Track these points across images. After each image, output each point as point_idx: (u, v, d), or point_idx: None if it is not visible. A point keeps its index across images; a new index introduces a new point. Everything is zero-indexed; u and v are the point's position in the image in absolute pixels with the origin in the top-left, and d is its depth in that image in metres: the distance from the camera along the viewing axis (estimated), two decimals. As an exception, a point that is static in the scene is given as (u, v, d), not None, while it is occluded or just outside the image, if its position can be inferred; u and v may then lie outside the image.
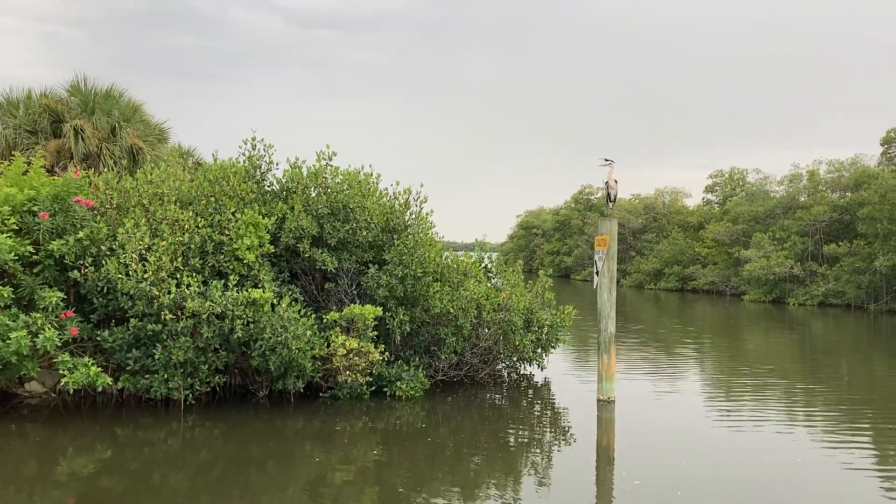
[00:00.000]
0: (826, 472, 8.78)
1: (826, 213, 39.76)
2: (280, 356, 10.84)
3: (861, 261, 35.64)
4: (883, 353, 21.10)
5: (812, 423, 11.24)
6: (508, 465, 8.86)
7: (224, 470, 8.62)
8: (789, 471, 8.77)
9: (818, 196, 42.53)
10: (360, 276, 12.81)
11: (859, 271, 35.57)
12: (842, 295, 36.44)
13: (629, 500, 7.65)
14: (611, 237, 12.28)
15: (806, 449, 9.70)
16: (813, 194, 43.45)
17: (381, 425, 10.61)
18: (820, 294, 37.35)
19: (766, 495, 7.87)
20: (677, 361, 17.83)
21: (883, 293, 34.32)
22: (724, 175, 54.85)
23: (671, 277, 50.87)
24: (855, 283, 35.61)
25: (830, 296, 37.00)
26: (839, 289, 36.66)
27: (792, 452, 9.51)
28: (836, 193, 42.25)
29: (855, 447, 9.85)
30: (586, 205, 71.16)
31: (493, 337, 13.50)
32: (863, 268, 35.33)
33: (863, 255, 35.69)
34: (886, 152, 38.52)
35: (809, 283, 38.83)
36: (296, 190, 12.82)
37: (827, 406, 12.65)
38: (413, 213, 13.55)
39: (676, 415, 11.76)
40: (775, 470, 8.77)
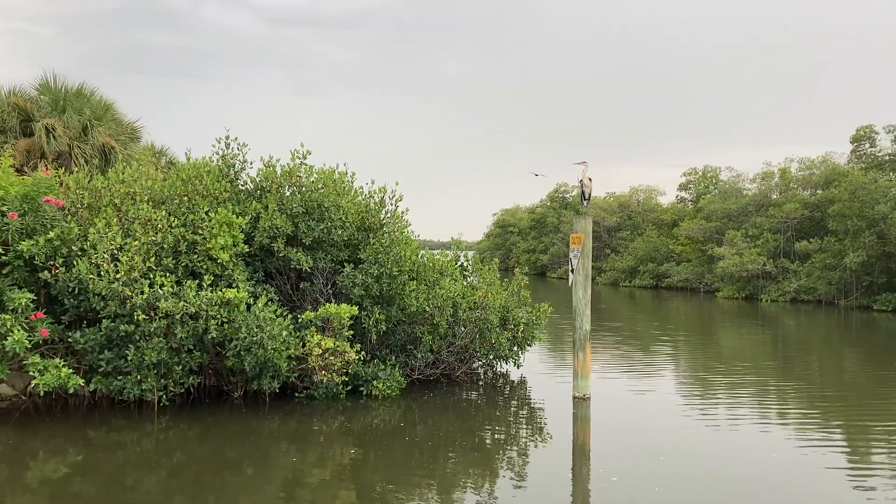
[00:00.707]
0: (800, 467, 8.88)
1: (797, 211, 40.29)
2: (255, 356, 10.77)
3: (832, 257, 36.17)
4: (853, 348, 21.43)
5: (785, 419, 11.38)
6: (485, 464, 8.87)
7: (199, 471, 8.55)
8: (764, 467, 8.86)
9: (790, 194, 43.08)
10: (335, 275, 12.76)
11: (830, 268, 36.09)
12: (813, 291, 36.95)
13: (607, 496, 7.70)
14: (585, 235, 12.34)
15: (780, 445, 9.81)
16: (785, 192, 44.00)
17: (357, 425, 10.58)
18: (792, 290, 37.84)
19: (741, 492, 7.95)
20: (653, 358, 17.98)
21: (853, 289, 34.85)
22: (697, 173, 55.38)
23: (646, 275, 51.28)
24: (826, 279, 36.13)
25: (802, 292, 37.51)
26: (810, 285, 37.17)
27: (766, 449, 9.61)
28: (807, 191, 42.82)
29: (827, 443, 10.00)
30: (562, 203, 71.50)
31: (469, 335, 13.51)
32: (833, 264, 35.85)
33: (833, 252, 36.22)
34: (856, 150, 39.08)
35: (781, 280, 39.33)
36: (270, 189, 12.74)
37: (800, 402, 12.82)
38: (388, 211, 13.53)
39: (652, 411, 11.85)
40: (750, 466, 8.86)
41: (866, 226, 33.04)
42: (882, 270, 33.54)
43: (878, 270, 33.65)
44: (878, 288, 33.74)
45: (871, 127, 38.09)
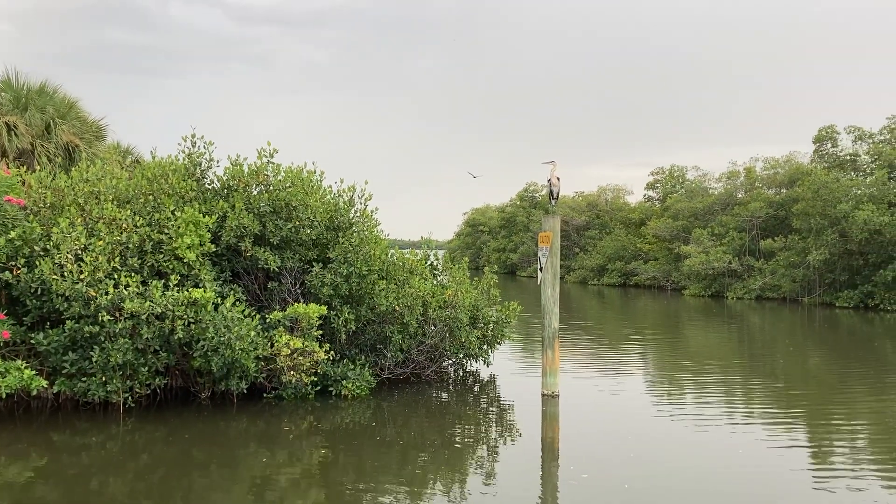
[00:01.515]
0: (766, 464, 9.00)
1: (762, 209, 40.90)
2: (223, 357, 10.67)
3: (795, 255, 36.78)
4: (816, 345, 21.82)
5: (751, 416, 11.54)
6: (455, 462, 8.89)
7: (165, 474, 8.44)
8: (731, 464, 8.99)
9: (755, 193, 43.72)
10: (303, 274, 12.69)
11: (794, 265, 36.70)
12: (778, 289, 37.54)
13: (577, 494, 7.75)
14: (554, 234, 12.41)
15: (747, 442, 9.93)
16: (750, 191, 44.64)
17: (326, 425, 10.54)
18: (757, 288, 38.41)
19: (710, 488, 8.06)
20: (621, 356, 18.14)
21: (816, 286, 35.47)
22: (664, 172, 55.97)
23: (614, 273, 51.70)
24: (790, 276, 36.73)
25: (767, 289, 38.09)
26: (775, 282, 37.75)
27: (734, 445, 9.75)
28: (771, 190, 43.48)
29: (793, 439, 10.18)
30: (531, 202, 71.78)
31: (439, 334, 13.52)
32: (797, 262, 36.46)
33: (797, 250, 36.84)
34: (819, 150, 39.76)
35: (747, 278, 39.90)
36: (237, 188, 12.63)
37: (765, 399, 13.03)
38: (358, 210, 13.49)
39: (620, 409, 11.96)
40: (718, 463, 9.00)
41: (829, 224, 33.65)
42: (844, 268, 34.20)
43: (839, 268, 34.30)
44: (840, 285, 34.39)
45: (832, 127, 38.80)
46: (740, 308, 33.84)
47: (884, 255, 32.07)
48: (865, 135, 37.29)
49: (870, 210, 31.55)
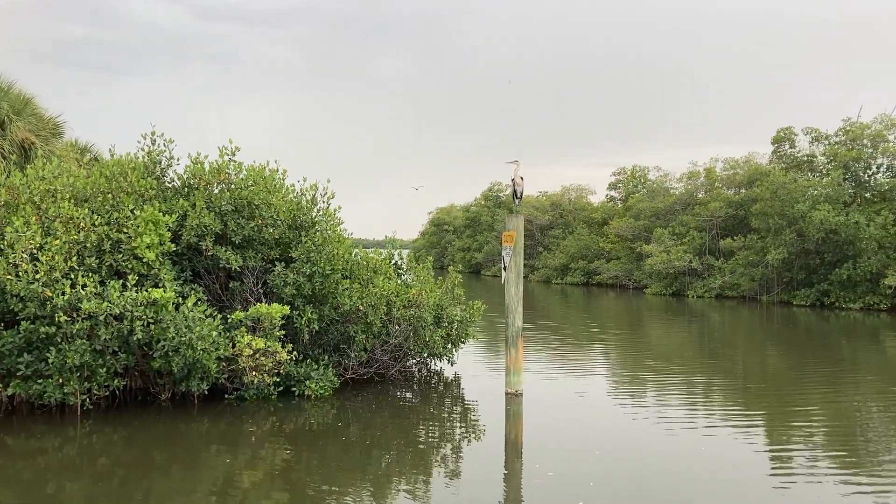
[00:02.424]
0: (726, 461, 9.14)
1: (722, 209, 41.55)
2: (183, 357, 10.52)
3: (754, 254, 37.44)
4: (774, 342, 22.23)
5: (712, 414, 11.70)
6: (419, 462, 8.88)
7: (125, 476, 8.30)
8: (695, 459, 9.12)
9: (715, 193, 44.41)
10: (266, 274, 12.57)
11: (753, 264, 37.35)
12: (737, 287, 38.16)
13: (542, 492, 7.79)
14: (517, 233, 12.46)
15: (708, 437, 10.08)
16: (710, 191, 45.33)
17: (289, 426, 10.45)
18: (717, 287, 39.00)
19: (673, 485, 8.16)
20: (584, 354, 18.28)
21: (774, 285, 36.14)
22: (626, 172, 56.62)
23: (577, 272, 52.12)
24: (749, 275, 37.36)
25: (726, 288, 38.69)
26: (734, 281, 38.38)
27: (696, 441, 9.89)
28: (731, 190, 44.19)
29: (752, 434, 10.35)
30: (496, 202, 72.05)
31: (403, 333, 13.49)
32: (756, 261, 37.11)
33: (756, 249, 37.50)
34: (777, 150, 40.49)
35: (707, 277, 40.51)
36: (198, 186, 12.47)
37: (725, 396, 13.24)
38: (321, 209, 13.41)
39: (585, 407, 12.05)
40: (682, 459, 9.11)
41: (786, 224, 34.30)
42: (801, 267, 34.88)
43: (797, 267, 34.99)
44: (798, 284, 35.09)
45: (790, 129, 39.54)
46: (701, 306, 34.34)
47: (839, 255, 32.78)
48: (822, 136, 38.08)
49: (826, 210, 32.22)
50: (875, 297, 31.51)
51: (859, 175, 35.24)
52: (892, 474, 8.45)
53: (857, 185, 35.14)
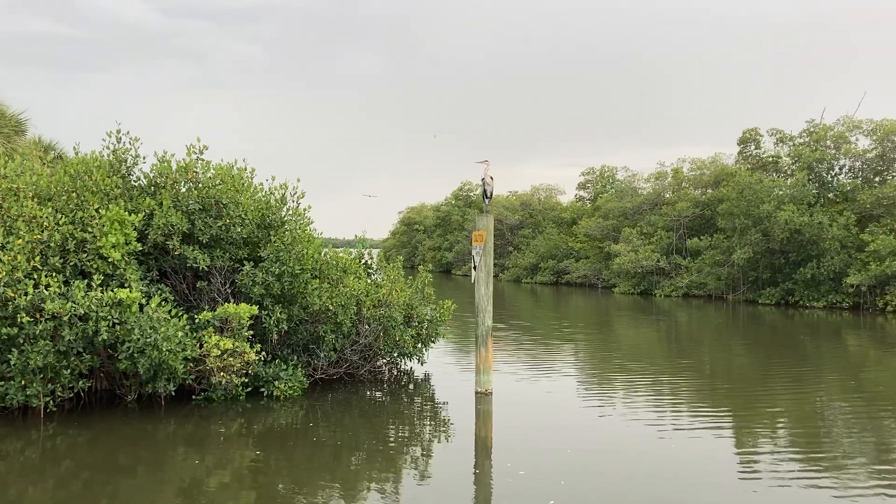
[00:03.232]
0: (694, 458, 9.25)
1: (689, 209, 42.04)
2: (149, 358, 10.38)
3: (721, 254, 37.95)
4: (740, 341, 22.53)
5: (680, 412, 11.84)
6: (389, 462, 8.86)
7: (89, 479, 8.17)
8: (664, 456, 9.20)
9: (682, 193, 44.94)
10: (234, 273, 12.46)
11: (719, 264, 37.85)
12: (704, 286, 38.65)
13: (513, 490, 7.81)
14: (487, 232, 12.49)
15: (677, 434, 10.18)
16: (677, 191, 45.87)
17: (258, 426, 10.37)
18: (684, 286, 39.47)
19: (644, 481, 8.23)
20: (554, 353, 18.37)
21: (740, 284, 36.65)
22: (595, 172, 57.06)
23: (546, 271, 52.43)
24: (715, 275, 37.86)
25: (693, 287, 39.18)
26: (701, 280, 38.87)
27: (665, 438, 9.97)
28: (697, 190, 44.73)
29: (719, 431, 10.48)
30: (466, 201, 72.24)
31: (373, 333, 13.45)
32: (722, 260, 37.62)
33: (722, 249, 38.01)
34: (742, 151, 41.08)
35: (674, 276, 40.97)
36: (165, 185, 12.32)
37: (692, 394, 13.38)
38: (290, 208, 13.32)
39: (555, 405, 12.11)
40: (651, 456, 9.17)
41: (752, 224, 34.80)
42: (766, 266, 35.42)
43: (762, 266, 35.52)
44: (763, 283, 35.62)
45: (756, 130, 40.13)
46: (668, 305, 34.71)
47: (803, 254, 33.34)
48: (787, 137, 38.71)
49: (790, 210, 32.76)
50: (837, 296, 32.11)
51: (823, 176, 35.87)
52: (855, 473, 8.60)
53: (821, 186, 35.76)
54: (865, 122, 35.97)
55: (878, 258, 30.15)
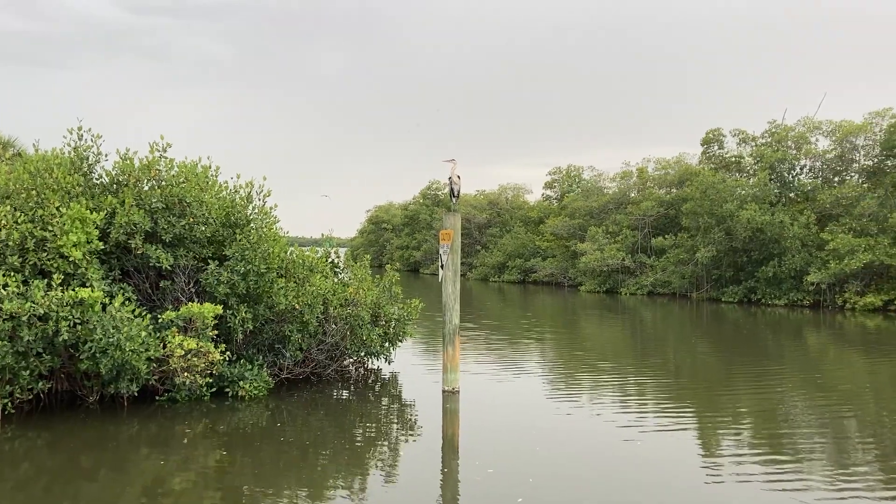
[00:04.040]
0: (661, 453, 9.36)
1: (654, 209, 42.51)
2: (112, 358, 10.22)
3: (685, 252, 38.44)
4: (704, 339, 22.84)
5: (646, 407, 11.97)
6: (355, 461, 8.83)
7: (49, 483, 8.02)
8: (631, 454, 9.30)
9: (647, 192, 45.42)
10: (198, 272, 12.32)
11: (683, 262, 38.34)
12: (668, 285, 39.11)
13: (481, 488, 7.83)
14: (454, 231, 12.51)
15: (643, 432, 10.28)
16: (642, 190, 46.35)
17: (223, 427, 10.26)
18: (649, 284, 39.91)
19: (612, 479, 8.31)
20: (521, 351, 18.46)
21: (704, 283, 37.15)
22: (561, 172, 57.44)
23: (514, 270, 52.65)
24: (679, 273, 38.34)
25: (658, 285, 39.63)
26: (666, 279, 39.33)
27: (632, 436, 10.07)
28: (662, 190, 45.26)
29: (684, 429, 10.63)
30: (434, 200, 72.24)
31: (339, 332, 13.40)
32: (686, 259, 38.11)
33: (686, 248, 38.50)
34: (706, 151, 41.63)
35: (639, 274, 41.40)
36: (127, 183, 12.14)
37: (657, 392, 13.53)
38: (256, 207, 13.21)
39: (522, 403, 12.17)
40: (618, 454, 9.27)
41: (715, 223, 35.30)
42: (729, 265, 35.95)
43: (725, 265, 36.04)
44: (726, 281, 36.14)
45: (719, 130, 40.71)
46: (633, 303, 35.06)
47: (765, 253, 33.90)
48: (749, 138, 39.33)
49: (753, 210, 33.28)
50: (799, 294, 32.70)
51: (784, 176, 36.50)
52: (817, 471, 8.77)
53: (783, 186, 36.39)
54: (825, 123, 36.72)
55: (838, 257, 30.76)
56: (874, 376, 15.38)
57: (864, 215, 31.92)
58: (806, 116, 37.58)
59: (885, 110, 34.22)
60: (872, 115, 34.71)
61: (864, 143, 35.29)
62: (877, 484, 8.06)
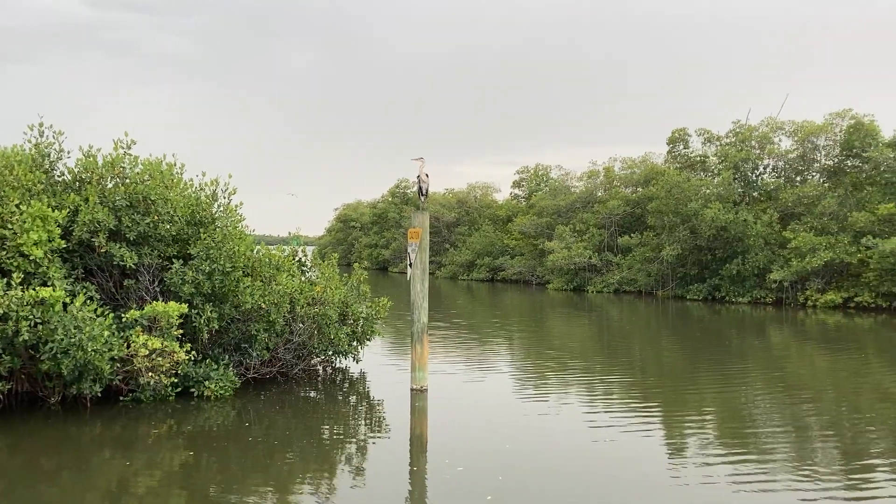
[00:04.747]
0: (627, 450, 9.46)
1: (620, 207, 42.90)
2: (74, 359, 10.05)
3: (650, 251, 38.86)
4: (669, 336, 23.10)
5: (611, 406, 12.07)
6: (323, 460, 8.80)
7: (9, 486, 7.86)
8: (598, 452, 9.39)
9: (613, 191, 45.83)
10: (163, 271, 12.17)
11: (649, 260, 38.75)
12: (634, 282, 39.51)
13: (450, 486, 7.83)
14: (423, 230, 12.51)
15: (609, 430, 10.37)
16: (608, 189, 46.75)
17: (188, 427, 10.15)
18: (615, 282, 40.27)
19: (580, 476, 8.36)
20: (489, 349, 18.51)
21: (669, 280, 37.58)
22: (529, 171, 57.71)
23: (482, 268, 52.79)
24: (645, 271, 38.75)
25: (624, 283, 40.01)
26: (632, 277, 39.72)
27: (599, 434, 10.15)
28: (628, 189, 45.71)
29: (649, 426, 10.74)
30: (403, 198, 72.13)
31: (307, 331, 13.32)
32: (652, 257, 38.52)
33: (652, 246, 38.93)
34: (672, 151, 42.13)
35: (606, 272, 41.75)
36: (90, 180, 11.96)
37: (623, 389, 13.66)
38: (221, 205, 13.08)
39: (492, 401, 12.20)
40: (586, 451, 9.34)
41: (680, 221, 35.74)
42: (694, 263, 36.41)
43: (690, 263, 36.49)
44: (691, 279, 36.60)
45: (684, 130, 41.21)
46: (600, 301, 35.35)
47: (729, 251, 34.39)
48: (714, 137, 39.88)
49: (717, 208, 33.75)
50: (761, 291, 33.23)
51: (748, 175, 37.05)
52: (779, 466, 8.93)
53: (746, 185, 36.94)
54: (788, 123, 37.36)
55: (799, 255, 31.31)
56: (834, 373, 15.68)
57: (825, 214, 32.53)
58: (769, 117, 38.25)
59: (845, 111, 34.93)
60: (833, 115, 35.41)
61: (824, 143, 35.97)
62: (838, 480, 8.22)
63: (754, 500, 7.53)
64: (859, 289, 30.58)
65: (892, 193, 31.41)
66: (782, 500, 7.52)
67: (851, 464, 8.81)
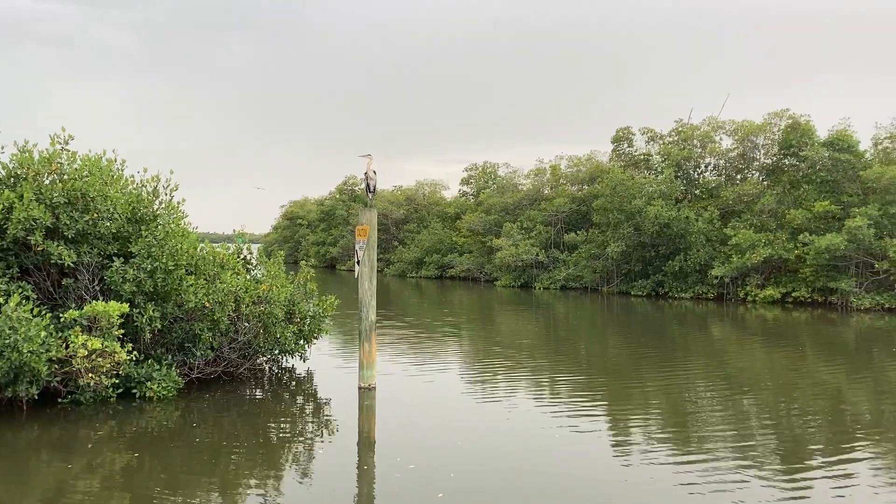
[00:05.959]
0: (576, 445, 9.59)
1: (566, 205, 43.40)
2: (8, 361, 9.73)
3: (596, 248, 39.40)
4: (615, 331, 23.46)
5: (559, 403, 12.21)
6: (269, 461, 8.69)
7: (-61, 493, 7.59)
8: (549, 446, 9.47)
9: (559, 189, 46.34)
10: (103, 270, 11.87)
11: (594, 257, 39.28)
12: (580, 279, 40.01)
13: (400, 485, 7.81)
14: (371, 227, 12.45)
15: (557, 429, 10.47)
16: (555, 187, 47.25)
17: (130, 429, 9.92)
18: (562, 278, 40.73)
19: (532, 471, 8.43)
20: (437, 347, 18.53)
21: (614, 277, 38.17)
22: (477, 169, 57.96)
23: (431, 265, 52.82)
24: (591, 267, 39.27)
25: (570, 280, 40.49)
26: (578, 273, 40.22)
27: (548, 429, 10.26)
28: (574, 186, 46.26)
29: (596, 420, 10.91)
30: (351, 195, 71.68)
31: (252, 330, 13.14)
32: (597, 254, 39.06)
33: (597, 243, 39.47)
34: (616, 149, 42.77)
35: (553, 269, 42.19)
36: (26, 176, 11.58)
37: (571, 385, 13.83)
38: (163, 202, 12.81)
39: (439, 399, 12.23)
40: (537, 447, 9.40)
41: (625, 219, 36.31)
42: (638, 259, 37.05)
43: (634, 259, 37.13)
44: (635, 275, 37.24)
45: (628, 129, 41.88)
46: (547, 297, 35.71)
47: (672, 248, 35.09)
48: (657, 136, 40.62)
49: (660, 205, 34.39)
50: (703, 287, 33.98)
51: (690, 173, 37.84)
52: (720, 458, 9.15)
53: (688, 183, 37.73)
54: (728, 122, 38.26)
55: (740, 251, 32.11)
56: (772, 366, 16.12)
57: (764, 212, 33.42)
58: (710, 116, 39.14)
59: (783, 111, 35.91)
60: (771, 115, 36.38)
61: (763, 142, 36.94)
62: (778, 471, 8.46)
63: (698, 491, 7.69)
64: (796, 284, 31.52)
65: (827, 191, 32.44)
66: (726, 490, 7.70)
67: (790, 455, 9.08)
